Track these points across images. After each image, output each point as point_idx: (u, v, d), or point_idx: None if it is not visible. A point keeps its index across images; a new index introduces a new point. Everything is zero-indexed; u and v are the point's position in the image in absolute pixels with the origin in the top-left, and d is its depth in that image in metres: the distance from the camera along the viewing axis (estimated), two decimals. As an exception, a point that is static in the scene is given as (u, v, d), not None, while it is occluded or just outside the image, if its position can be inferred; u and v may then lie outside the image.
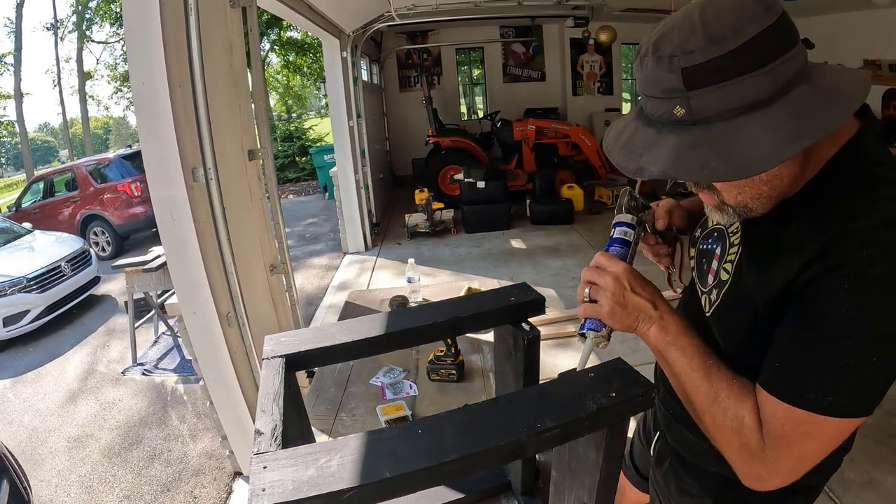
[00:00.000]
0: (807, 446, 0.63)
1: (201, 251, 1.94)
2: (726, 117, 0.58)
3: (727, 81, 0.57)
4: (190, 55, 1.75)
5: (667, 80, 0.59)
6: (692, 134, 0.60)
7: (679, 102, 0.60)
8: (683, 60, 0.57)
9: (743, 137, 0.57)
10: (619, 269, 0.75)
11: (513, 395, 0.70)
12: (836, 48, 5.62)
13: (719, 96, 0.57)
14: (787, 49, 0.57)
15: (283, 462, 0.58)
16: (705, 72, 0.57)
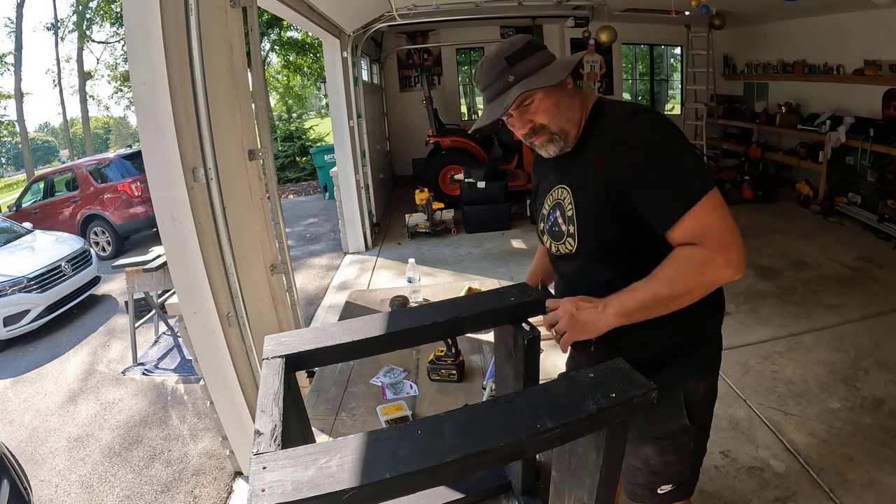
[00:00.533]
0: (716, 220, 0.98)
1: (202, 251, 1.94)
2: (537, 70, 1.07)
3: (526, 58, 1.08)
4: (190, 55, 1.75)
5: (498, 64, 1.08)
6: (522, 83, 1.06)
7: (508, 74, 1.07)
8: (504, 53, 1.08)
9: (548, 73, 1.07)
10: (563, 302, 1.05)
11: (513, 396, 0.70)
12: (837, 48, 5.62)
13: (527, 64, 1.07)
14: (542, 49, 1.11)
15: (283, 462, 0.58)
16: (516, 55, 1.07)
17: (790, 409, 2.60)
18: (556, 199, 1.20)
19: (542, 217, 1.27)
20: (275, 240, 2.47)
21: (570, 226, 1.14)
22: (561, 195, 1.18)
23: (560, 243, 1.18)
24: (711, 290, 1.01)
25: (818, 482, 2.12)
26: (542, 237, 1.28)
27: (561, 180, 1.19)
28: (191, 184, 1.87)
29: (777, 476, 2.17)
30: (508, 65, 1.06)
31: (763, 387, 2.79)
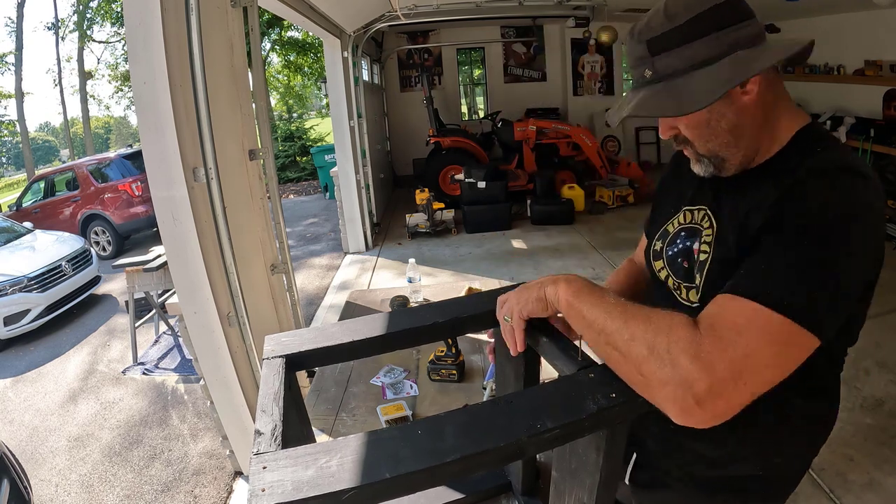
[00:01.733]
0: (759, 347, 0.60)
1: (202, 251, 1.94)
2: (683, 73, 0.74)
3: (681, 46, 0.74)
4: (191, 55, 1.75)
5: (637, 50, 0.78)
6: (657, 87, 0.77)
7: (647, 66, 0.77)
8: (647, 34, 0.76)
9: (692, 84, 0.73)
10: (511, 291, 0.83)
11: (513, 396, 0.70)
12: (838, 48, 5.61)
13: (676, 57, 0.74)
14: (734, 22, 0.73)
15: (283, 462, 0.58)
16: (663, 40, 0.75)
17: (790, 409, 2.59)
18: (692, 224, 0.89)
19: (662, 234, 0.96)
20: (275, 239, 2.47)
21: (698, 275, 0.83)
22: (700, 220, 0.87)
23: (682, 283, 0.88)
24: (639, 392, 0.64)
25: (818, 482, 2.12)
26: (655, 264, 0.96)
27: (709, 202, 0.87)
28: (191, 183, 1.87)
29: (777, 476, 2.17)
30: (649, 52, 0.76)
31: (763, 387, 2.79)
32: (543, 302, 0.75)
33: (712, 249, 0.82)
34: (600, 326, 0.67)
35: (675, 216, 0.94)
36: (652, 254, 0.97)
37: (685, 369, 0.59)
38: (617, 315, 0.66)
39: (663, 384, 0.60)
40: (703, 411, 0.59)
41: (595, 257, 5.15)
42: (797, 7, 5.43)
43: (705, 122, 0.77)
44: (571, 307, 0.72)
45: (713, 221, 0.84)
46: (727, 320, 0.62)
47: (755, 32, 0.73)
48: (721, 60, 0.72)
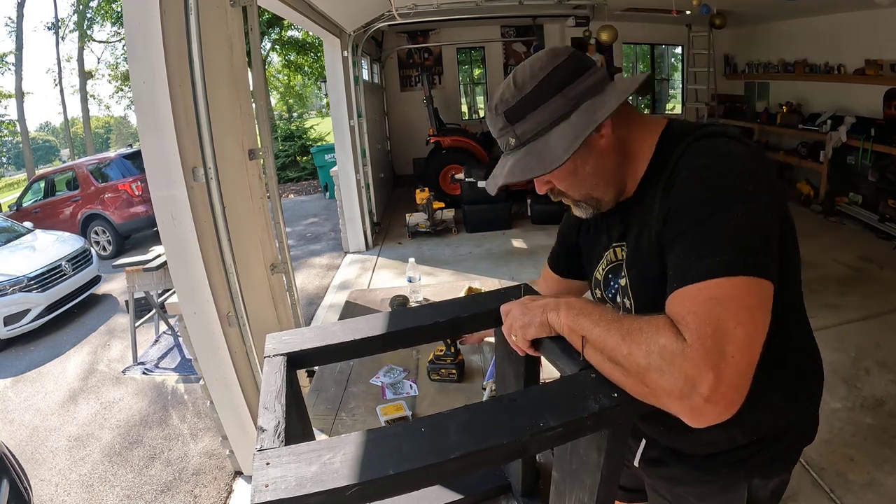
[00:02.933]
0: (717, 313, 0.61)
1: (202, 250, 1.94)
2: (541, 134, 0.81)
3: (534, 111, 0.80)
4: (190, 54, 1.75)
5: (498, 122, 0.84)
6: (520, 153, 0.83)
7: (509, 135, 0.83)
8: (503, 107, 0.83)
9: (550, 144, 0.79)
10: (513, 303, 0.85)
11: (516, 395, 0.70)
12: (838, 48, 5.61)
13: (532, 122, 0.81)
14: (575, 77, 0.80)
15: (286, 458, 0.58)
16: (517, 109, 0.81)
17: (791, 408, 2.59)
18: (617, 262, 0.94)
19: (595, 283, 1.01)
20: (275, 239, 2.47)
21: (626, 299, 0.90)
22: (618, 256, 0.93)
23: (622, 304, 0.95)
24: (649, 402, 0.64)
25: (819, 482, 2.12)
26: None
27: (620, 235, 0.92)
28: (191, 183, 1.87)
29: (778, 476, 2.17)
30: (507, 122, 0.82)
31: (764, 386, 2.79)
32: (547, 327, 0.77)
33: (626, 273, 0.89)
34: (601, 345, 0.68)
35: (599, 263, 0.99)
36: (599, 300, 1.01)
37: (683, 371, 0.59)
38: (615, 331, 0.67)
39: (669, 393, 0.60)
40: (715, 405, 0.59)
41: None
42: (798, 6, 5.43)
43: (572, 172, 0.84)
44: (573, 332, 0.73)
45: (623, 250, 0.91)
46: (684, 309, 0.64)
47: (598, 79, 0.80)
48: (572, 114, 0.79)
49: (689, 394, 0.59)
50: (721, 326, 0.60)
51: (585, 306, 0.74)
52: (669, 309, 0.66)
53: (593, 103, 0.79)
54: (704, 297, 0.63)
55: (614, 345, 0.66)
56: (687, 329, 0.61)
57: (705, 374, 0.58)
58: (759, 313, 0.63)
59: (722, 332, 0.60)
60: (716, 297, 0.62)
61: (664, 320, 0.64)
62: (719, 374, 0.58)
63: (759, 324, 0.62)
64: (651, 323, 0.65)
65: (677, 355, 0.60)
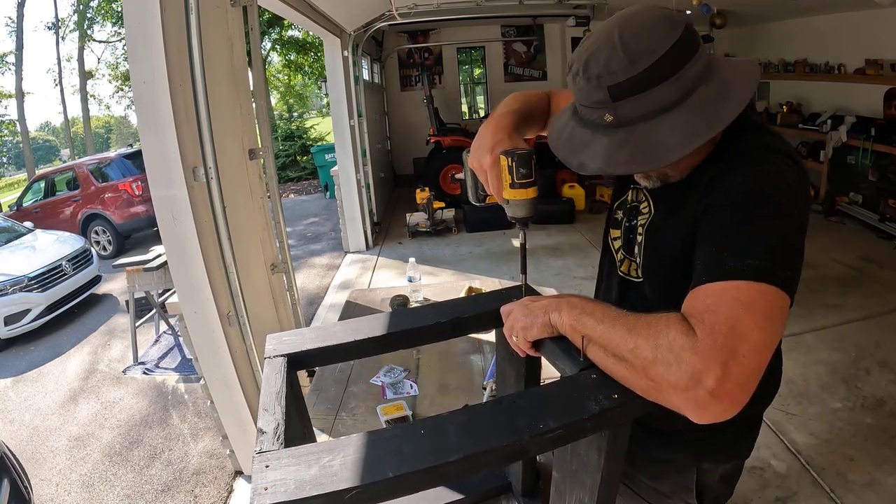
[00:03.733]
0: (738, 314, 0.61)
1: (202, 250, 1.93)
2: (645, 119, 0.72)
3: (644, 92, 0.71)
4: (191, 54, 1.75)
5: (596, 95, 0.74)
6: (619, 135, 0.74)
7: (607, 111, 0.74)
8: (608, 80, 0.71)
9: (659, 135, 0.71)
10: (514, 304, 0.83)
11: (515, 396, 0.70)
12: (838, 48, 5.61)
13: (638, 104, 0.71)
14: (691, 56, 0.71)
15: (286, 461, 0.57)
16: (626, 87, 0.71)
17: (791, 408, 2.59)
18: (634, 202, 0.96)
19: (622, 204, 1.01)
20: (275, 239, 2.46)
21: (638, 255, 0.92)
22: (639, 199, 0.94)
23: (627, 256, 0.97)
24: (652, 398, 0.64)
25: (819, 482, 2.12)
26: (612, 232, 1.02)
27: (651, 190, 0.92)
28: (191, 183, 1.87)
29: (778, 476, 2.17)
30: (610, 97, 0.72)
31: (764, 386, 2.78)
32: (549, 328, 0.76)
33: (644, 236, 0.90)
34: (605, 342, 0.67)
35: (628, 191, 0.99)
36: (612, 221, 1.02)
37: (690, 365, 0.58)
38: (619, 327, 0.66)
39: (674, 386, 0.59)
40: (720, 401, 0.58)
41: (595, 256, 5.13)
42: (798, 6, 5.43)
43: None
44: (575, 331, 0.72)
45: (651, 206, 0.91)
46: (703, 305, 0.63)
47: (707, 61, 0.74)
48: (686, 103, 0.72)
49: (693, 387, 0.58)
50: (738, 327, 0.60)
51: (588, 304, 0.73)
52: (690, 302, 0.66)
53: (708, 95, 0.72)
54: (729, 297, 0.63)
55: (619, 339, 0.65)
56: (700, 324, 0.61)
57: (713, 368, 0.57)
58: (778, 323, 0.63)
59: (738, 332, 0.59)
60: (740, 299, 0.62)
61: (676, 316, 0.64)
62: (727, 371, 0.57)
63: (775, 333, 0.62)
64: (661, 318, 0.64)
65: (686, 348, 0.59)
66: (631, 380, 0.65)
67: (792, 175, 0.74)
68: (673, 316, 0.64)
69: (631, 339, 0.64)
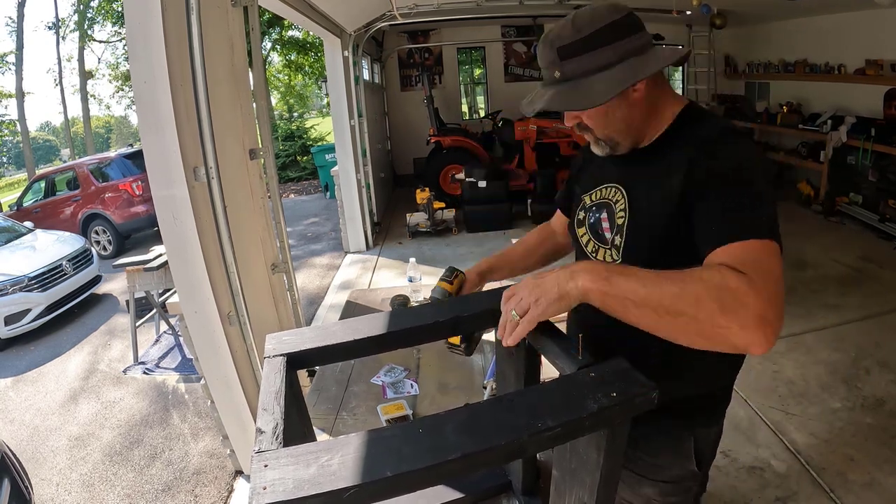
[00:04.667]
0: (774, 266, 0.74)
1: (202, 250, 1.94)
2: (585, 75, 0.91)
3: (585, 53, 0.90)
4: (191, 54, 1.75)
5: (549, 55, 0.93)
6: (564, 87, 0.93)
7: (557, 68, 0.92)
8: (557, 42, 0.91)
9: (591, 86, 0.90)
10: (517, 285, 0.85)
11: (514, 395, 0.70)
12: (838, 48, 5.61)
13: (580, 63, 0.90)
14: (628, 35, 0.90)
15: (284, 460, 0.58)
16: (571, 48, 0.90)
17: (791, 408, 2.60)
18: (604, 199, 1.05)
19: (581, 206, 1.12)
20: (276, 239, 2.47)
21: (618, 236, 1.00)
22: (611, 195, 1.04)
23: (603, 248, 1.04)
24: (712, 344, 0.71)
25: (819, 482, 2.12)
26: (578, 230, 1.12)
27: (617, 179, 1.03)
28: (192, 183, 1.87)
29: (778, 476, 2.17)
30: (559, 57, 0.91)
31: (764, 387, 2.79)
32: (565, 301, 0.77)
33: (627, 214, 0.99)
34: (656, 301, 0.72)
35: (591, 192, 1.11)
36: (576, 222, 1.14)
37: (756, 306, 0.68)
38: (668, 284, 0.72)
39: (743, 327, 0.68)
40: (775, 333, 0.69)
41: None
42: (798, 6, 5.43)
43: (603, 114, 0.94)
44: (609, 295, 0.75)
45: (624, 193, 1.01)
46: (744, 257, 0.74)
47: (644, 42, 0.91)
48: (617, 66, 0.89)
49: (761, 324, 0.68)
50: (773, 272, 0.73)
51: (610, 267, 0.77)
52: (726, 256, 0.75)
53: (637, 61, 0.90)
54: (758, 250, 0.75)
55: (675, 294, 0.71)
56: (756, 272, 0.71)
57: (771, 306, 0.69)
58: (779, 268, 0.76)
59: (774, 277, 0.72)
60: (766, 251, 0.75)
61: (724, 267, 0.72)
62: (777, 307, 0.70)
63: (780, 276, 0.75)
64: (709, 271, 0.73)
65: (749, 294, 0.68)
66: (690, 331, 0.72)
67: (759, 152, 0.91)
68: (721, 268, 0.73)
69: (689, 294, 0.70)
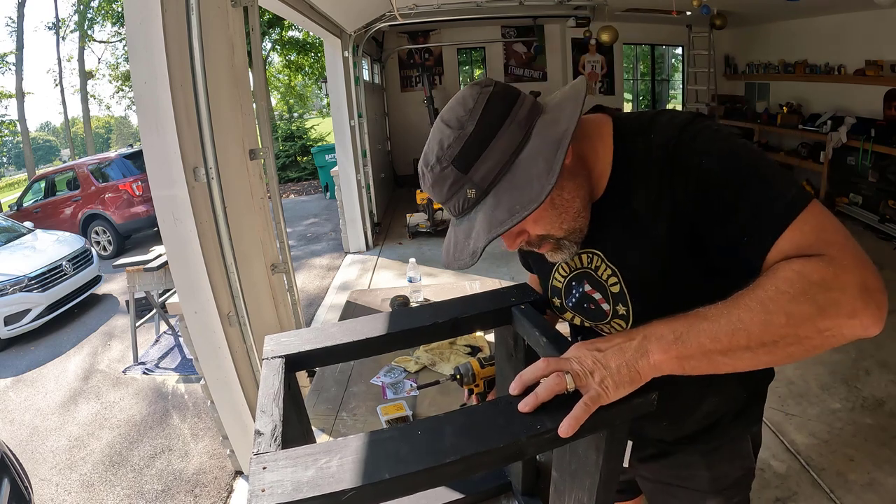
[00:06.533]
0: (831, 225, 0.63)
1: (202, 250, 1.94)
2: (503, 173, 0.69)
3: (487, 148, 0.68)
4: (191, 54, 1.75)
5: (448, 177, 0.70)
6: (489, 200, 0.70)
7: (467, 186, 0.70)
8: (447, 157, 0.69)
9: (519, 179, 0.68)
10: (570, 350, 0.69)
11: (513, 397, 0.70)
12: (838, 48, 5.61)
13: (490, 161, 0.69)
14: (515, 101, 0.71)
15: (283, 462, 0.58)
16: (467, 152, 0.69)
17: (791, 409, 2.59)
18: (581, 269, 0.88)
19: (553, 292, 0.96)
20: (276, 239, 2.47)
21: (620, 305, 0.84)
22: (584, 263, 0.87)
23: (604, 323, 0.89)
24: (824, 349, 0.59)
25: (818, 482, 2.12)
26: (566, 317, 0.97)
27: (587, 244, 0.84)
28: (192, 183, 1.87)
29: (777, 476, 2.17)
30: (460, 170, 0.69)
31: (764, 387, 2.79)
32: (636, 384, 0.63)
33: (620, 275, 0.82)
34: (744, 340, 0.59)
35: (552, 273, 0.95)
36: (557, 310, 0.98)
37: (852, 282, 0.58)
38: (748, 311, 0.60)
39: (851, 314, 0.57)
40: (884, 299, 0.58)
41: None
42: (798, 7, 5.43)
43: (552, 205, 0.74)
44: (687, 357, 0.61)
45: (601, 255, 0.84)
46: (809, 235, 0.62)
47: (532, 101, 0.73)
48: (531, 140, 0.69)
49: (868, 300, 0.57)
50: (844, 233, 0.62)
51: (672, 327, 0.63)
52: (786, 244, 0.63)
53: (544, 123, 0.70)
54: (814, 221, 0.63)
55: (763, 322, 0.58)
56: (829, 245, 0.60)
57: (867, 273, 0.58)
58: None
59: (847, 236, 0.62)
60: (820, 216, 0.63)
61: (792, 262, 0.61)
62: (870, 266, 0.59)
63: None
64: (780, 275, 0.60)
65: (837, 275, 0.58)
66: (796, 353, 0.60)
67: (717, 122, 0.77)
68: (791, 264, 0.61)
69: (777, 312, 0.58)
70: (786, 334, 0.58)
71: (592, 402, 0.61)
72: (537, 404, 0.63)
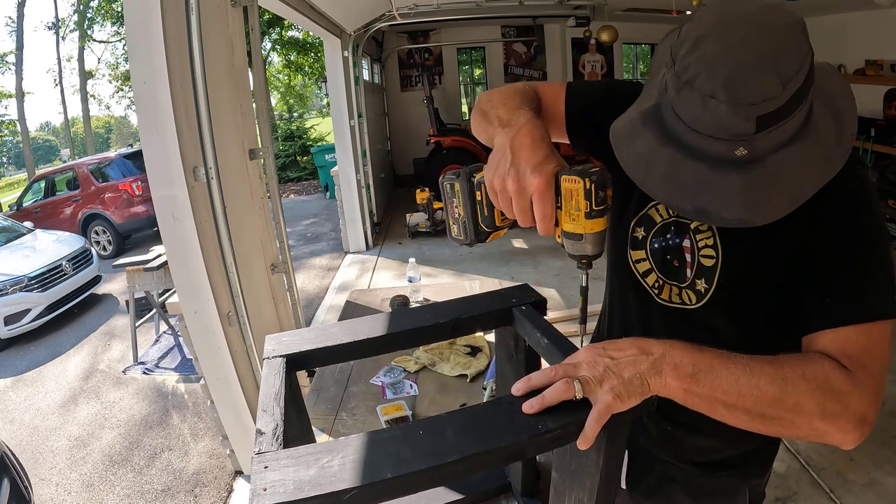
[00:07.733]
0: (884, 352, 0.64)
1: (202, 250, 1.94)
2: (773, 151, 0.60)
3: (785, 120, 0.58)
4: (191, 54, 1.75)
5: (740, 125, 0.57)
6: (752, 173, 0.60)
7: (743, 144, 0.58)
8: (763, 108, 0.56)
9: (790, 172, 0.60)
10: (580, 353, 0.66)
11: (513, 396, 0.70)
12: (838, 48, 5.61)
13: (776, 135, 0.58)
14: (813, 65, 0.59)
15: (285, 462, 0.58)
16: (774, 116, 0.57)
17: (791, 409, 2.59)
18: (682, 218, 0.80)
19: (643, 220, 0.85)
20: (275, 239, 2.47)
21: (703, 280, 0.78)
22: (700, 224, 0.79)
23: (668, 282, 0.83)
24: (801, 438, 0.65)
25: (818, 482, 2.12)
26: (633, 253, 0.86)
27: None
28: (191, 183, 1.87)
29: (777, 476, 2.17)
30: (756, 127, 0.57)
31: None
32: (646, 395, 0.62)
33: (720, 255, 0.76)
34: (750, 405, 0.60)
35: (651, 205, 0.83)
36: (631, 241, 0.86)
37: (858, 408, 0.61)
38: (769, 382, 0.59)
39: (841, 430, 0.61)
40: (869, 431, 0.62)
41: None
42: (798, 7, 5.41)
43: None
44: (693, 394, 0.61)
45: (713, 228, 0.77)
46: (860, 347, 0.64)
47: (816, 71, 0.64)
48: (804, 129, 0.61)
49: (860, 426, 0.61)
50: (886, 361, 0.64)
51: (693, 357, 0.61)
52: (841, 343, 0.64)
53: (821, 122, 0.62)
54: (877, 336, 0.64)
55: (774, 399, 0.59)
56: (861, 368, 0.62)
57: (874, 405, 0.62)
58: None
59: (885, 367, 0.64)
60: (885, 336, 0.65)
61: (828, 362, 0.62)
62: (878, 406, 0.62)
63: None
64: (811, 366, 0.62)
65: (853, 396, 0.61)
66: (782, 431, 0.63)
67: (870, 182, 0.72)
68: (825, 362, 0.63)
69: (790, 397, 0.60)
70: (785, 416, 0.60)
71: (607, 411, 0.60)
72: (543, 408, 0.62)
